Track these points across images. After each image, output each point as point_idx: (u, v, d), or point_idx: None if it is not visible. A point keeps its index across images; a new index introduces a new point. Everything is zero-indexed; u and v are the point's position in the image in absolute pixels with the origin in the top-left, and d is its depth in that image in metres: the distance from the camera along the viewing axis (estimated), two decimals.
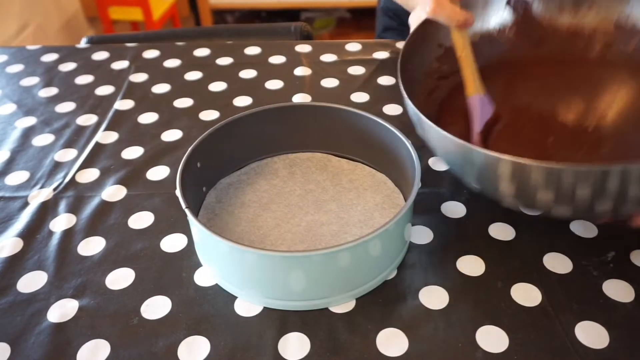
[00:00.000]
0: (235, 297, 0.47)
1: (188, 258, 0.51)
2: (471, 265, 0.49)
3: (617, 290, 0.46)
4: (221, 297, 0.47)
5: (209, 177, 0.56)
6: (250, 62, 0.80)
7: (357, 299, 0.47)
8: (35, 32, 2.12)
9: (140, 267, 0.50)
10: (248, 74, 0.78)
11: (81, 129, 0.68)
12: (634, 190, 0.38)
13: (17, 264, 0.51)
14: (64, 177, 0.60)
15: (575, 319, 0.44)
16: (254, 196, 0.56)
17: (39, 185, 0.60)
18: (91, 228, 0.54)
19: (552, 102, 0.58)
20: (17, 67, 0.82)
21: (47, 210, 0.56)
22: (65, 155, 0.64)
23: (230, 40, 0.88)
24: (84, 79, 0.78)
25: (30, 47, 0.87)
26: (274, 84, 0.75)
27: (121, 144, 0.65)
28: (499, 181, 0.43)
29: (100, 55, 0.84)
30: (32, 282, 0.49)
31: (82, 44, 0.95)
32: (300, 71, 0.78)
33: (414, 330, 0.44)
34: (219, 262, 0.46)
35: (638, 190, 0.38)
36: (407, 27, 0.59)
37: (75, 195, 0.58)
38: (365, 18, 2.58)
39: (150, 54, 0.83)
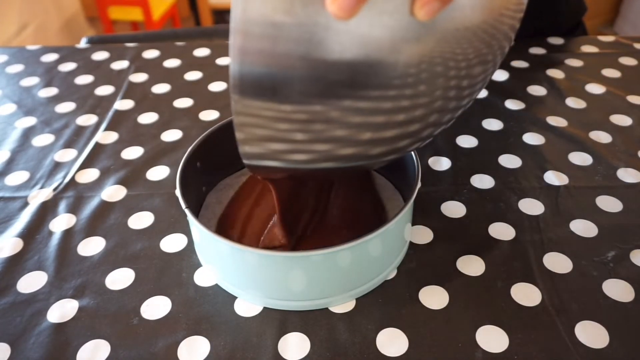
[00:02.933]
0: (235, 297, 0.47)
1: (188, 258, 0.51)
2: (471, 265, 0.49)
3: (617, 290, 0.46)
4: (221, 297, 0.47)
5: (209, 177, 0.56)
6: None
7: (357, 299, 0.47)
8: (35, 32, 2.13)
9: (140, 267, 0.50)
10: None
11: (81, 129, 0.68)
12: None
13: (17, 264, 0.51)
14: (64, 177, 0.60)
15: (575, 319, 0.44)
16: None
17: (38, 186, 0.60)
18: (91, 228, 0.54)
19: None
20: (17, 67, 0.82)
21: (47, 211, 0.56)
22: (65, 155, 0.64)
23: None
24: (83, 79, 0.78)
25: (30, 47, 0.87)
26: None
27: (121, 144, 0.65)
28: None
29: (100, 55, 0.84)
30: (32, 282, 0.49)
31: (82, 44, 0.95)
32: None
33: (414, 330, 0.44)
34: (219, 262, 0.46)
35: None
36: None
37: (75, 195, 0.58)
38: None
39: (150, 54, 0.83)
